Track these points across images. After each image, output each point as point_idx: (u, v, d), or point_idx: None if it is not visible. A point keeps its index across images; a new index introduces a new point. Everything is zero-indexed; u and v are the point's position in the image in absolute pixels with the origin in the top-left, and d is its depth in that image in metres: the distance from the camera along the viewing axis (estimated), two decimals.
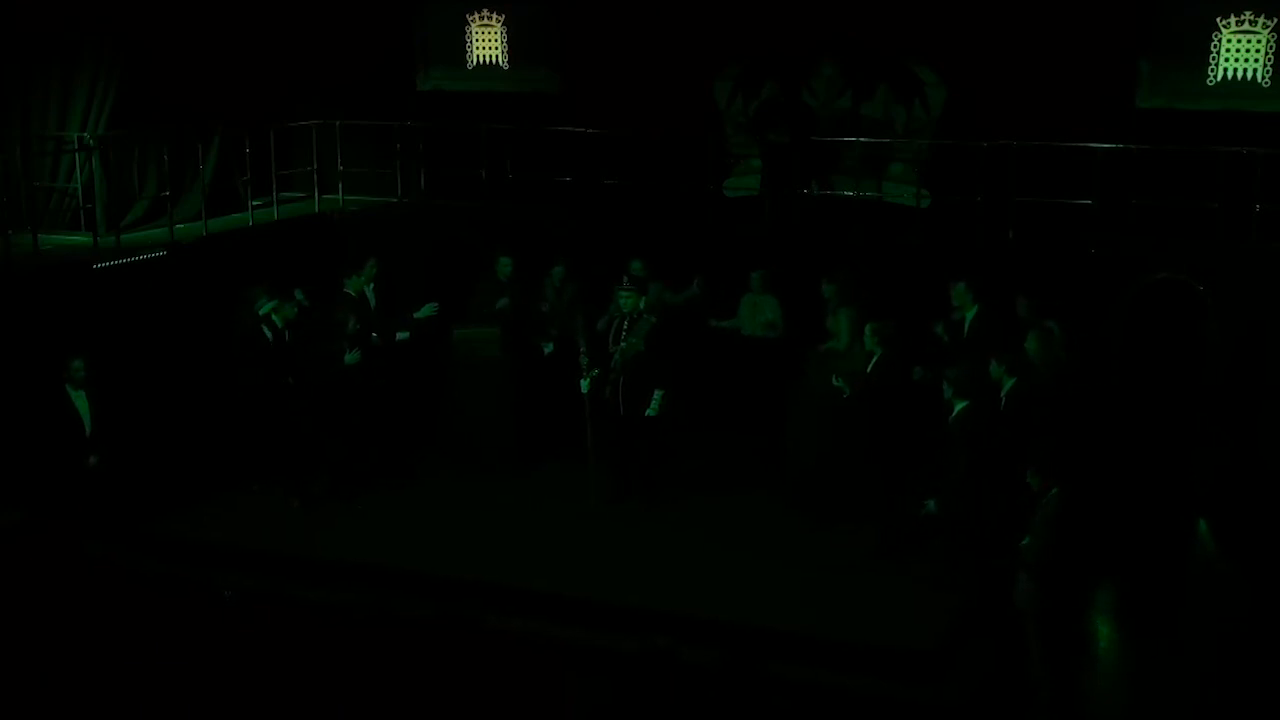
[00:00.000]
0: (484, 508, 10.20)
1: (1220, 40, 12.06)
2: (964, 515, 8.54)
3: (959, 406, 8.67)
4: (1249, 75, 12.01)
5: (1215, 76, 12.12)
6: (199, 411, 11.09)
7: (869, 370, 9.68)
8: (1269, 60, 11.92)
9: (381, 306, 11.02)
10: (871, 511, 9.44)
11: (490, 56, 14.99)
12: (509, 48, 14.84)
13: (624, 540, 9.61)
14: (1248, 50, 12.00)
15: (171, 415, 10.99)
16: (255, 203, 13.44)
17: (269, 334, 10.35)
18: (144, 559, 9.47)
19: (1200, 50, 12.12)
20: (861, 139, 12.88)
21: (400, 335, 10.96)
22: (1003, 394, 8.87)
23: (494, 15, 14.87)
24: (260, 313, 10.37)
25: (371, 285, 11.01)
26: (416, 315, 11.13)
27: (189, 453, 10.82)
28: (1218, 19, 12.03)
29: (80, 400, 9.40)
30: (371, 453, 10.63)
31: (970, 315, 10.14)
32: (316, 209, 14.11)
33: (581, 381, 10.14)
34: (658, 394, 9.95)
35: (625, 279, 10.58)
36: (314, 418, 10.33)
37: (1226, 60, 12.07)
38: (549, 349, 11.24)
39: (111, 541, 9.39)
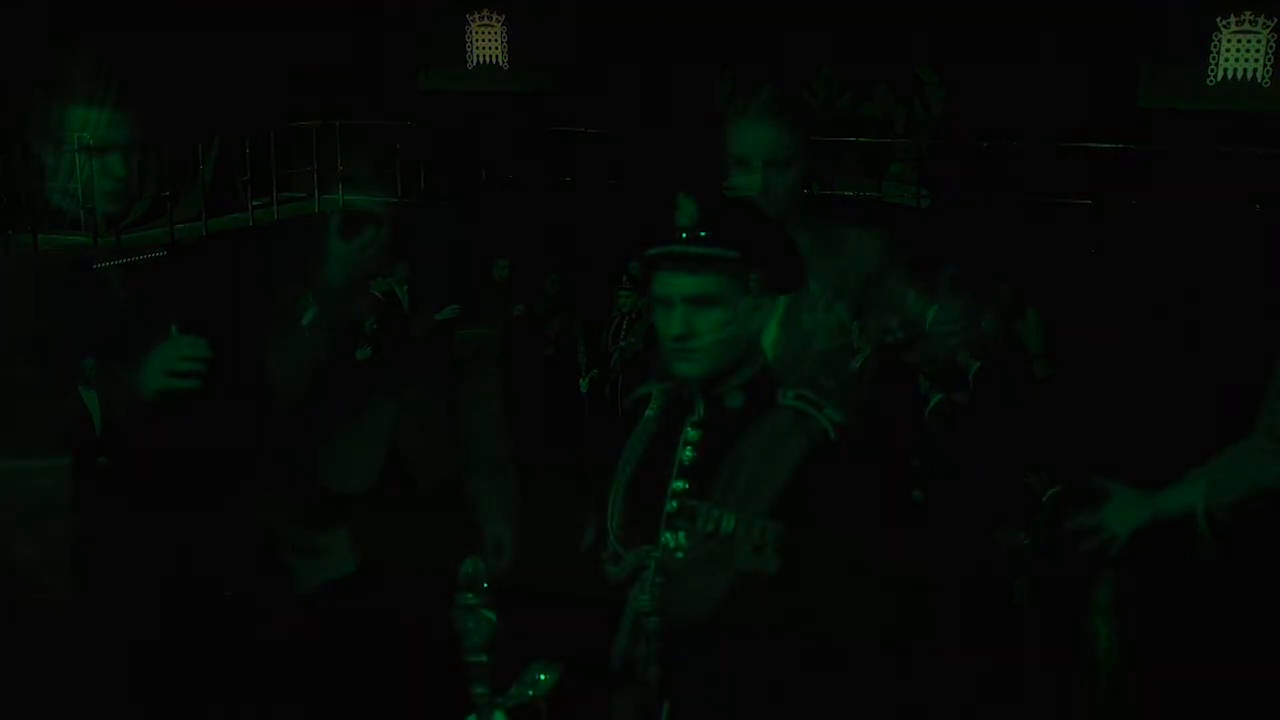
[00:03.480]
0: (482, 507, 10.19)
1: (1220, 40, 12.06)
2: (951, 506, 8.58)
3: (935, 400, 8.75)
4: (1249, 75, 12.02)
5: (1215, 76, 12.12)
6: (202, 411, 11.08)
7: (857, 367, 9.69)
8: (1269, 60, 11.93)
9: (412, 308, 11.07)
10: None
11: (490, 56, 14.98)
12: (509, 48, 14.84)
13: None
14: (1248, 50, 12.00)
15: (173, 415, 10.97)
16: (255, 203, 13.44)
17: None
18: (146, 558, 9.47)
19: (1200, 50, 12.12)
20: (861, 139, 12.88)
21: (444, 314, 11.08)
22: (970, 378, 8.95)
23: (494, 15, 14.86)
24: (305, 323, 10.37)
25: (405, 287, 11.07)
26: (439, 317, 11.16)
27: (190, 453, 10.81)
28: (1218, 19, 12.04)
29: (91, 400, 9.39)
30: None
31: (930, 315, 10.15)
32: (316, 209, 14.10)
33: (580, 381, 10.13)
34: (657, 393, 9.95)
35: (625, 279, 10.57)
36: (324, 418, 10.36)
37: (1226, 60, 12.07)
38: (547, 350, 11.24)
39: (114, 541, 9.39)
